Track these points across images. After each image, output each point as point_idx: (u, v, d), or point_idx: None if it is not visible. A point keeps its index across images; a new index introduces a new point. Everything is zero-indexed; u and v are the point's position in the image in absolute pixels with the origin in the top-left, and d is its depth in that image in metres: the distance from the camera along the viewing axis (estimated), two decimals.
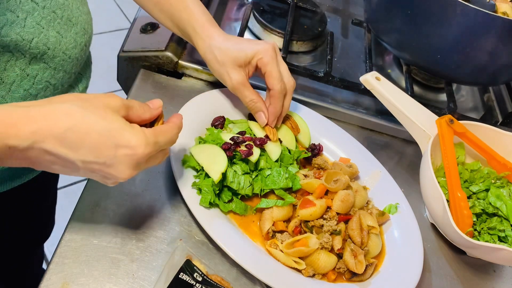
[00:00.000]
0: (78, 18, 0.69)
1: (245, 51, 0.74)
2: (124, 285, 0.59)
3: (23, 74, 0.62)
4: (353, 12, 1.21)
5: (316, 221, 0.69)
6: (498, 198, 0.76)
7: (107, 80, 1.97)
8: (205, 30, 0.76)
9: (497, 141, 0.82)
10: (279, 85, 0.73)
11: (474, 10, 0.79)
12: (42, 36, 0.62)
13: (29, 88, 0.63)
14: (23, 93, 0.63)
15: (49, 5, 0.63)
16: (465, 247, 0.74)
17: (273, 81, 0.73)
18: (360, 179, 0.81)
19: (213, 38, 0.75)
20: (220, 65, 0.75)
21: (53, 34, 0.64)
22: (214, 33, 0.75)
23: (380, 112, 0.94)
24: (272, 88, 0.74)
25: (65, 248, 0.61)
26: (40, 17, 0.62)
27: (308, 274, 0.66)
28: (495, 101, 1.09)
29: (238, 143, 0.71)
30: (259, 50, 0.74)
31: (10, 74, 0.60)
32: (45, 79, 0.65)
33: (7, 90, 0.61)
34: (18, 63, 0.61)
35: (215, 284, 0.60)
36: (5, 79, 0.60)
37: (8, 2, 0.58)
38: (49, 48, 0.63)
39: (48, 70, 0.65)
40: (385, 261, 0.71)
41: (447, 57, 0.89)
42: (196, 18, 0.76)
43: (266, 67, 0.73)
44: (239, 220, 0.69)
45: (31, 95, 0.64)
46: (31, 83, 0.63)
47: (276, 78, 0.73)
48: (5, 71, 0.60)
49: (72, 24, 0.67)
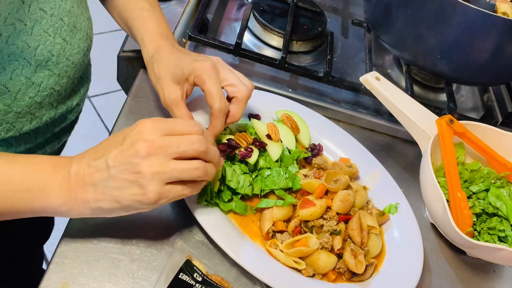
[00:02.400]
0: (82, 23, 0.69)
1: (182, 68, 0.69)
2: (124, 285, 0.59)
3: (28, 83, 0.62)
4: (353, 12, 1.21)
5: (316, 221, 0.69)
6: (498, 198, 0.76)
7: (107, 80, 1.97)
8: (152, 41, 0.74)
9: (497, 141, 0.82)
10: (218, 103, 0.67)
11: (474, 10, 0.79)
12: (48, 43, 0.63)
13: (34, 95, 0.64)
14: (29, 101, 0.63)
15: (56, 12, 0.63)
16: (465, 247, 0.74)
17: (211, 99, 0.67)
18: (360, 179, 0.81)
19: (158, 51, 0.72)
20: (156, 79, 0.71)
21: (59, 41, 0.64)
22: (161, 46, 0.73)
23: (380, 112, 0.94)
24: (211, 106, 0.68)
25: (65, 248, 0.61)
26: (47, 25, 0.62)
27: (308, 274, 0.66)
28: (495, 101, 1.09)
29: (233, 147, 0.71)
30: (196, 67, 0.68)
31: (16, 83, 0.61)
32: (50, 86, 0.65)
33: (13, 98, 0.61)
34: (24, 72, 0.61)
35: (215, 284, 0.60)
36: (10, 88, 0.60)
37: (18, 12, 0.58)
38: (53, 55, 0.64)
39: (53, 77, 0.65)
40: (385, 261, 0.71)
41: (447, 57, 0.89)
42: (146, 29, 0.75)
43: (204, 85, 0.68)
44: (239, 220, 0.69)
45: (35, 102, 0.64)
46: (36, 91, 0.64)
47: (214, 96, 0.67)
48: (11, 80, 0.60)
49: (77, 30, 0.68)
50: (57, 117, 0.71)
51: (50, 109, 0.68)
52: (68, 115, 0.74)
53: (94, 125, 2.21)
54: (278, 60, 0.90)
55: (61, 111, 0.71)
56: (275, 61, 0.90)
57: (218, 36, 1.00)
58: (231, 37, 0.99)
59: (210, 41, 0.90)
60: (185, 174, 0.55)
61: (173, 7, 0.97)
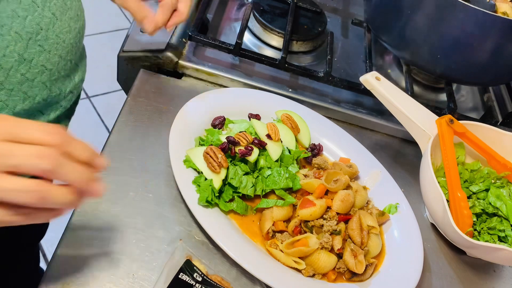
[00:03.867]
0: (72, 2, 0.70)
1: None
2: (124, 285, 0.59)
3: (20, 59, 0.62)
4: (353, 12, 1.21)
5: (316, 221, 0.69)
6: (498, 198, 0.76)
7: (107, 80, 1.97)
8: None
9: (497, 141, 0.82)
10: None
11: (474, 10, 0.79)
12: (36, 14, 0.63)
13: (26, 72, 0.64)
14: (20, 78, 0.63)
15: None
16: (465, 247, 0.74)
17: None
18: (360, 179, 0.81)
19: None
20: None
21: (47, 15, 0.64)
22: None
23: (380, 112, 0.94)
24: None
25: (65, 248, 0.61)
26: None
27: (308, 274, 0.66)
28: (495, 101, 1.09)
29: (233, 142, 0.71)
30: None
31: (9, 59, 0.61)
32: (41, 63, 0.65)
33: (5, 75, 0.61)
34: (17, 48, 0.61)
35: (215, 284, 0.60)
36: (4, 65, 0.61)
37: None
38: (42, 29, 0.64)
39: (44, 54, 0.65)
40: (385, 261, 0.71)
41: (447, 57, 0.89)
42: None
43: None
44: (239, 220, 0.69)
45: (28, 79, 0.64)
46: (28, 67, 0.64)
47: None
48: (4, 57, 0.60)
49: (67, 8, 0.68)
50: (49, 100, 0.71)
51: (43, 89, 0.68)
52: (61, 101, 0.74)
53: (94, 125, 2.21)
54: (278, 60, 0.90)
55: (54, 94, 0.71)
56: (275, 61, 0.90)
57: (218, 36, 1.00)
58: (231, 37, 0.99)
59: (210, 41, 0.90)
60: (10, 195, 0.43)
61: None
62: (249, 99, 0.84)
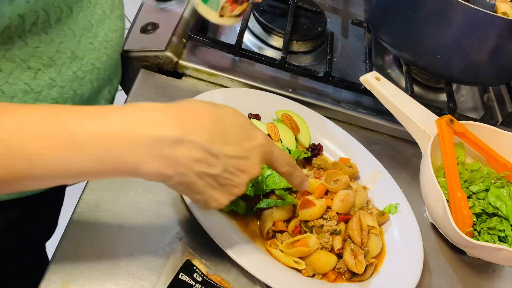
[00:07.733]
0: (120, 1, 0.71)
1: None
2: (124, 285, 0.59)
3: (72, 56, 0.63)
4: (353, 12, 1.21)
5: (316, 221, 0.69)
6: (498, 198, 0.76)
7: None
8: None
9: (497, 141, 0.82)
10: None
11: (474, 10, 0.79)
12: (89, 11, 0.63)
13: (77, 70, 0.64)
14: (72, 75, 0.64)
15: None
16: (465, 247, 0.74)
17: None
18: (360, 179, 0.81)
19: None
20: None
21: (99, 12, 0.65)
22: None
23: (380, 112, 0.94)
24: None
25: (65, 248, 0.61)
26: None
27: (308, 274, 0.66)
28: (495, 101, 1.09)
29: None
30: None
31: (62, 55, 0.61)
32: (91, 61, 0.66)
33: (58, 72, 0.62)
34: (70, 45, 0.61)
35: (215, 284, 0.60)
36: (57, 61, 0.61)
37: None
38: (93, 25, 0.64)
39: (94, 52, 0.66)
40: (385, 261, 0.71)
41: (447, 57, 0.89)
42: None
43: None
44: (239, 220, 0.69)
45: (78, 77, 0.65)
46: (79, 65, 0.64)
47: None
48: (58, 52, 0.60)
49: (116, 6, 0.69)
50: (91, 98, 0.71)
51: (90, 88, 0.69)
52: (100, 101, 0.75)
53: None
54: (278, 60, 0.90)
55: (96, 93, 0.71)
56: (275, 61, 0.90)
57: (218, 36, 1.00)
58: (231, 37, 0.98)
59: (210, 41, 0.90)
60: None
61: (173, 7, 0.97)
62: (249, 99, 0.84)
